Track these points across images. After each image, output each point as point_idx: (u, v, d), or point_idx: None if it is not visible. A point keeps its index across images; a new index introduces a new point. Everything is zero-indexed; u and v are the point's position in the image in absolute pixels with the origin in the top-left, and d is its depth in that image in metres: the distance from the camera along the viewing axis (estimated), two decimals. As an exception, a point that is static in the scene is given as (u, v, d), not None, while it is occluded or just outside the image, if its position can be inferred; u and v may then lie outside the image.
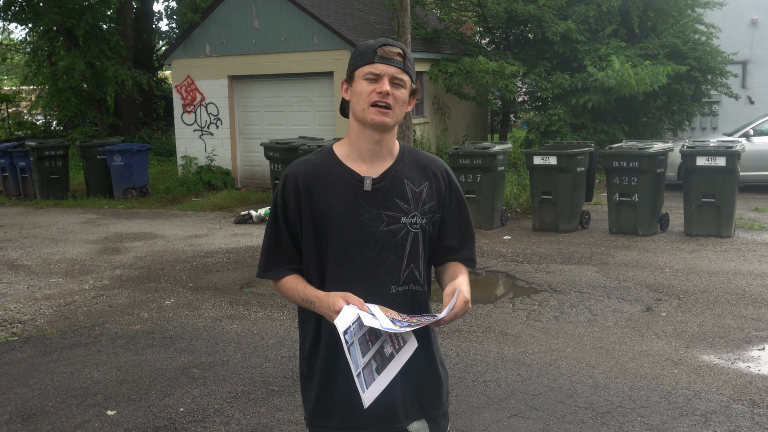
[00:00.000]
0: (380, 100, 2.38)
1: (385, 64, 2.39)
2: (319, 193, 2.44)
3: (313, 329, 2.51)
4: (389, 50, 2.40)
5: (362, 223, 2.42)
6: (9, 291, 8.43)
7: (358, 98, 2.42)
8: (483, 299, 7.64)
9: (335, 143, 2.55)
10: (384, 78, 2.39)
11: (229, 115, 17.16)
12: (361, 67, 2.42)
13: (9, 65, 36.86)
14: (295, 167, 2.51)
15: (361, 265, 2.42)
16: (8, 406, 5.21)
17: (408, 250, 2.46)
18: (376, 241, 2.43)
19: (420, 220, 2.47)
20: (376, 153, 2.47)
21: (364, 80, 2.41)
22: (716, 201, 10.05)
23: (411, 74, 2.45)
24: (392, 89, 2.40)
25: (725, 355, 5.85)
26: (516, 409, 4.94)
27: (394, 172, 2.48)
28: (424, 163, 2.55)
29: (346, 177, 2.45)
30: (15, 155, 16.38)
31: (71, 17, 20.40)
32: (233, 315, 7.27)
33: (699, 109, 17.61)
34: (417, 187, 2.49)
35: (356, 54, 2.46)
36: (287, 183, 2.48)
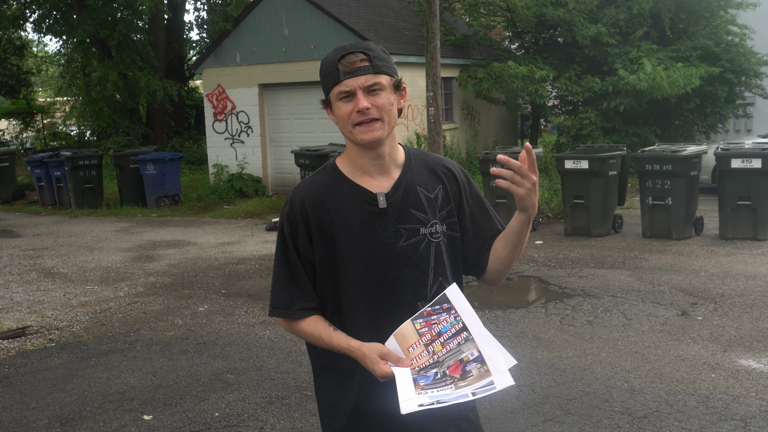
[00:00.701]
0: (362, 119, 2.18)
1: (352, 77, 2.18)
2: (331, 216, 2.26)
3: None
4: (350, 61, 2.19)
5: (381, 242, 2.24)
6: (46, 298, 8.56)
7: (342, 122, 2.23)
8: (516, 304, 7.60)
9: (337, 159, 2.36)
10: (357, 92, 2.18)
11: (259, 123, 17.28)
12: (331, 88, 2.23)
13: (44, 77, 37.52)
14: (300, 191, 2.32)
15: (383, 287, 2.24)
16: (47, 411, 5.28)
17: (433, 263, 2.28)
18: (396, 258, 2.24)
19: (440, 228, 2.30)
20: (380, 167, 2.29)
21: (339, 101, 2.21)
22: (752, 203, 9.91)
23: (386, 70, 2.22)
24: (371, 99, 2.18)
25: (764, 359, 5.75)
26: (551, 414, 4.90)
27: (405, 182, 2.29)
28: (433, 166, 2.38)
29: (357, 196, 2.27)
30: (50, 165, 16.64)
31: (104, 29, 20.71)
32: (266, 321, 7.30)
33: (733, 111, 17.40)
34: (431, 193, 2.32)
35: (322, 75, 2.26)
36: (293, 207, 2.29)
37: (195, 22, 32.73)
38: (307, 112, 16.86)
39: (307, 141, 15.99)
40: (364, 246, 2.24)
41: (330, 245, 2.26)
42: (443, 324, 2.15)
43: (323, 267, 2.28)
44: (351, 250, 2.24)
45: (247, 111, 17.37)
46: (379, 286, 2.24)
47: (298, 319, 2.31)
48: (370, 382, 2.22)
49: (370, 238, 2.24)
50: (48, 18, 22.90)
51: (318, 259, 2.28)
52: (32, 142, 32.44)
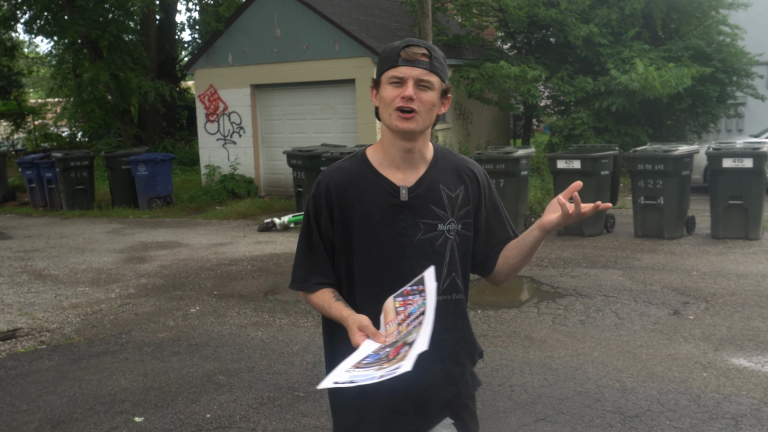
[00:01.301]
0: (404, 105, 2.28)
1: (409, 66, 2.28)
2: (353, 202, 2.37)
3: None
4: (413, 51, 2.29)
5: (398, 232, 2.35)
6: (37, 300, 8.52)
7: (383, 104, 2.34)
8: (508, 304, 7.60)
9: (368, 148, 2.47)
10: (408, 81, 2.28)
11: (251, 123, 17.25)
12: (386, 71, 2.32)
13: (35, 78, 37.42)
14: (328, 174, 2.43)
15: (397, 276, 2.33)
16: (38, 414, 5.26)
17: (448, 258, 2.39)
18: (413, 250, 2.36)
19: (456, 226, 2.40)
20: (408, 160, 2.39)
21: (389, 85, 2.31)
22: (743, 203, 9.94)
23: (440, 74, 2.33)
24: (418, 92, 2.29)
25: (755, 358, 5.77)
26: (543, 414, 4.90)
27: (428, 179, 2.40)
28: (458, 166, 2.47)
29: (381, 186, 2.37)
30: (41, 167, 16.58)
31: (95, 29, 20.65)
32: (258, 322, 7.29)
33: (724, 111, 17.44)
34: (453, 192, 2.42)
35: (382, 57, 2.36)
36: (319, 189, 2.41)
37: (187, 22, 32.65)
38: (299, 113, 16.84)
39: (300, 142, 15.98)
40: (381, 234, 2.36)
41: (349, 230, 2.38)
42: (414, 305, 2.22)
43: (341, 250, 2.41)
44: (369, 237, 2.36)
45: (239, 112, 17.34)
46: (393, 274, 2.34)
47: (311, 292, 2.45)
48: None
49: (388, 228, 2.36)
50: (39, 19, 22.82)
51: (337, 241, 2.41)
52: (23, 143, 32.35)
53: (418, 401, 2.41)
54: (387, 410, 2.41)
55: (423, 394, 2.40)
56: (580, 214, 2.25)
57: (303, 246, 2.47)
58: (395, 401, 2.39)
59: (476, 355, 2.56)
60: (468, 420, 2.52)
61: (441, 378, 2.43)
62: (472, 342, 2.53)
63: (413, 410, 2.41)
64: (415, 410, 2.41)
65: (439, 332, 2.34)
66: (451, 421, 2.48)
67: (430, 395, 2.41)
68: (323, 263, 2.43)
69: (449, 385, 2.46)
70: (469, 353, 2.53)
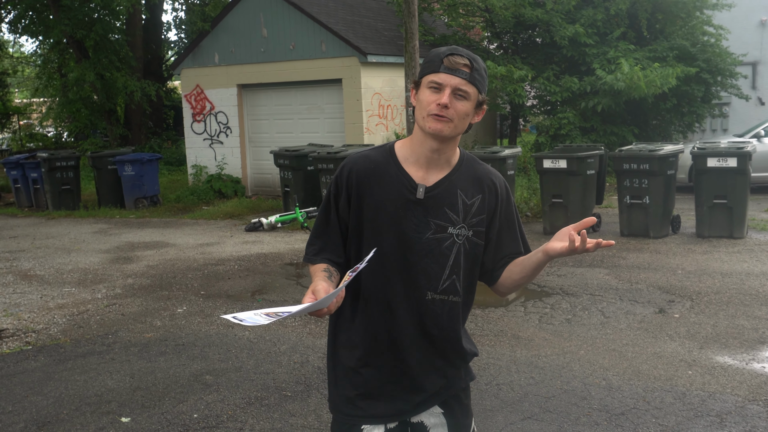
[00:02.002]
0: (439, 113, 2.35)
1: (450, 74, 2.35)
2: (372, 190, 2.45)
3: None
4: (456, 60, 2.36)
5: (409, 227, 2.43)
6: (23, 301, 8.48)
7: (420, 106, 2.40)
8: (495, 303, 7.63)
9: (398, 142, 2.54)
10: (446, 89, 2.35)
11: (238, 123, 17.23)
12: (427, 74, 2.39)
13: (20, 78, 37.16)
14: (353, 159, 2.52)
15: (401, 268, 2.44)
16: (23, 415, 5.24)
17: (452, 260, 2.46)
18: (420, 247, 2.43)
19: (466, 232, 2.47)
20: (433, 161, 2.46)
21: (427, 89, 2.38)
22: (728, 202, 10.01)
23: (479, 86, 2.40)
24: (454, 101, 2.35)
25: (739, 356, 5.81)
26: (529, 412, 4.93)
27: (448, 182, 2.47)
28: (480, 175, 2.53)
29: (401, 180, 2.45)
30: (27, 167, 16.48)
31: (81, 29, 20.54)
32: (245, 322, 7.27)
33: (709, 111, 17.55)
34: (469, 200, 2.48)
35: (426, 61, 2.44)
36: (342, 173, 2.50)
37: (173, 22, 32.59)
38: (286, 113, 16.82)
39: (287, 141, 15.96)
40: (392, 226, 2.44)
41: (363, 217, 2.46)
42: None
43: (353, 235, 2.49)
44: (380, 227, 2.44)
45: (225, 111, 17.31)
46: (397, 266, 2.44)
47: (314, 264, 2.51)
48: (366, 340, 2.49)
49: (400, 221, 2.43)
50: (24, 18, 22.68)
51: (351, 225, 2.49)
52: (8, 143, 32.11)
53: (406, 387, 2.51)
54: (376, 392, 2.51)
55: (410, 381, 2.51)
56: (584, 250, 2.30)
57: (319, 224, 2.56)
58: (384, 384, 2.51)
59: (467, 355, 2.61)
60: (457, 410, 2.60)
61: (428, 368, 2.52)
62: (460, 344, 2.56)
63: (400, 396, 2.52)
64: (402, 396, 2.52)
65: (431, 327, 2.50)
66: (440, 410, 2.57)
67: (417, 383, 2.51)
68: (336, 242, 2.52)
69: (438, 377, 2.54)
70: (457, 350, 2.57)
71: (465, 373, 2.63)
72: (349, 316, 2.53)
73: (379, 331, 2.48)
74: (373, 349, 2.49)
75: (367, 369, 2.51)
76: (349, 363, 2.52)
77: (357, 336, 2.51)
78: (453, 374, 2.57)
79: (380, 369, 2.50)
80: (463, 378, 2.61)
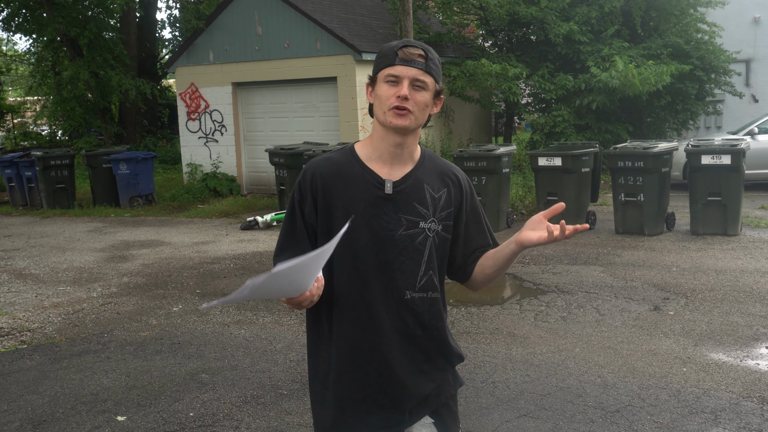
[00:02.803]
0: (399, 105, 2.33)
1: (406, 66, 2.33)
2: (338, 192, 2.41)
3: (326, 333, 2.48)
4: (410, 52, 2.35)
5: (381, 225, 2.38)
6: (18, 300, 8.46)
7: (379, 102, 2.38)
8: (490, 301, 7.65)
9: (357, 143, 2.51)
10: (404, 81, 2.33)
11: (233, 121, 17.20)
12: (382, 69, 2.37)
13: (13, 76, 37.05)
14: (315, 163, 2.46)
15: (376, 270, 2.38)
16: (19, 414, 5.23)
17: (426, 256, 2.42)
18: (393, 244, 2.39)
19: (436, 226, 2.44)
20: (397, 156, 2.43)
21: (385, 83, 2.36)
22: (722, 199, 10.04)
23: (435, 75, 2.38)
24: (413, 92, 2.34)
25: (734, 353, 5.84)
26: (525, 410, 4.94)
27: (414, 177, 2.44)
28: (443, 169, 2.52)
29: (366, 178, 2.41)
30: (21, 165, 16.43)
31: (75, 27, 20.47)
32: (241, 320, 7.28)
33: (703, 108, 17.59)
34: (436, 193, 2.45)
35: (379, 56, 2.41)
36: (305, 177, 2.45)
37: (167, 20, 32.47)
38: (281, 111, 16.81)
39: (282, 140, 15.96)
40: (363, 226, 2.38)
41: (332, 219, 2.40)
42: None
43: (323, 238, 2.40)
44: (352, 228, 2.35)
45: (220, 110, 17.29)
46: (372, 266, 2.38)
47: None
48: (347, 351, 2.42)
49: (371, 219, 2.38)
50: (17, 16, 22.58)
51: (320, 229, 2.43)
52: (2, 142, 32.02)
53: (394, 396, 2.44)
54: (364, 404, 2.45)
55: (398, 389, 2.44)
56: (563, 238, 2.29)
57: (286, 233, 2.49)
58: (371, 395, 2.44)
59: (452, 355, 2.56)
60: (448, 420, 2.54)
61: (415, 373, 2.46)
62: (446, 343, 2.53)
63: (389, 405, 2.45)
64: (392, 405, 2.45)
65: (413, 327, 2.44)
66: (431, 420, 2.50)
67: (405, 389, 2.44)
68: (305, 250, 2.42)
69: (425, 381, 2.48)
70: (443, 353, 2.53)
71: (453, 379, 2.58)
72: (326, 330, 2.47)
73: (360, 339, 2.41)
74: (355, 359, 2.42)
75: (352, 382, 2.44)
76: (332, 378, 2.46)
77: (337, 349, 2.44)
78: (441, 379, 2.52)
79: (365, 380, 2.43)
80: (452, 384, 2.56)
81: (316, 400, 2.55)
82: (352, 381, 2.44)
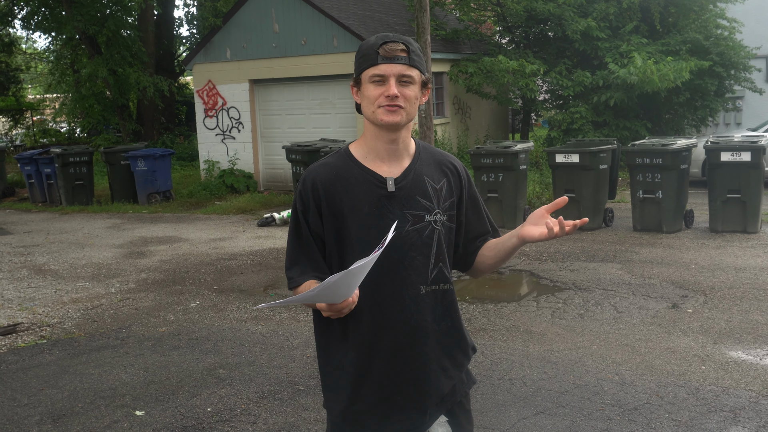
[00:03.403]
0: (390, 104, 2.32)
1: (389, 63, 2.31)
2: (341, 196, 2.38)
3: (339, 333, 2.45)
4: (391, 48, 2.31)
5: (387, 224, 2.34)
6: (37, 295, 8.53)
7: (367, 102, 2.36)
8: (507, 298, 7.63)
9: (351, 144, 2.48)
10: (390, 79, 2.31)
11: (250, 118, 17.25)
12: (366, 69, 2.34)
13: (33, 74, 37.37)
14: (313, 171, 2.44)
15: (388, 268, 2.35)
16: (38, 408, 5.28)
17: (435, 248, 2.41)
18: (402, 241, 2.36)
19: (441, 217, 2.44)
20: (393, 152, 2.42)
21: (370, 83, 2.34)
22: (741, 196, 9.96)
23: (419, 67, 2.36)
24: (400, 88, 2.32)
25: (753, 351, 5.79)
26: (542, 407, 4.93)
27: (413, 171, 2.43)
28: (440, 160, 2.51)
29: (367, 179, 2.39)
30: (40, 162, 16.57)
31: (93, 25, 20.60)
32: (258, 316, 7.31)
33: (722, 105, 17.44)
34: (437, 184, 2.45)
35: (359, 56, 2.38)
36: (305, 186, 2.42)
37: (185, 17, 32.64)
38: (298, 108, 16.84)
39: (299, 136, 15.99)
40: (371, 226, 2.36)
41: (338, 224, 2.39)
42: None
43: (332, 244, 2.41)
44: (358, 230, 2.37)
45: (237, 107, 17.34)
46: (383, 266, 2.33)
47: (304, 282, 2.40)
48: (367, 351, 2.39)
49: (377, 220, 2.36)
50: (36, 14, 22.78)
51: (327, 236, 2.41)
52: (22, 139, 32.30)
53: (414, 395, 2.42)
54: (382, 406, 2.43)
55: (418, 388, 2.42)
56: (563, 234, 2.29)
57: (294, 245, 2.46)
58: (390, 397, 2.41)
59: (469, 348, 2.57)
60: (462, 418, 2.55)
61: (435, 371, 2.45)
62: (463, 334, 2.54)
63: (410, 406, 2.43)
64: (413, 406, 2.43)
65: (430, 323, 2.43)
66: (445, 419, 2.50)
67: (425, 388, 2.43)
68: (316, 259, 2.43)
69: (445, 378, 2.47)
70: (460, 345, 2.53)
71: (467, 378, 2.57)
72: (339, 334, 2.43)
73: (376, 340, 2.39)
74: (372, 362, 2.40)
75: (369, 385, 2.41)
76: (349, 382, 2.42)
77: (353, 352, 2.41)
78: (458, 376, 2.51)
79: (385, 381, 2.40)
80: (466, 383, 2.56)
81: (330, 403, 2.52)
82: (370, 384, 2.42)
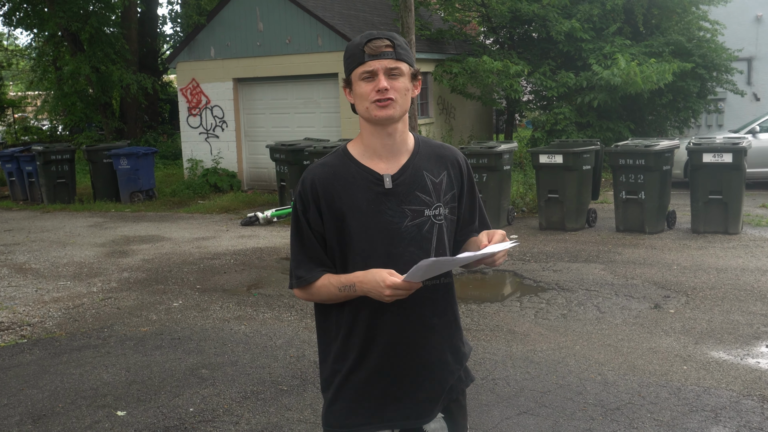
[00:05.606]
0: (381, 97, 2.35)
1: (376, 59, 2.35)
2: (340, 194, 2.41)
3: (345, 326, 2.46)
4: (376, 45, 2.36)
5: (386, 220, 2.39)
6: (18, 294, 8.46)
7: (360, 100, 2.40)
8: (491, 298, 7.64)
9: (349, 143, 2.51)
10: (379, 74, 2.35)
11: (234, 117, 17.19)
12: (355, 69, 2.39)
13: (14, 71, 37.03)
14: (312, 171, 2.47)
15: (387, 263, 2.37)
16: (18, 408, 5.23)
17: (434, 243, 2.44)
18: (401, 237, 2.40)
19: (443, 211, 2.46)
20: (390, 148, 2.44)
21: (361, 81, 2.38)
22: (723, 198, 10.03)
23: (406, 59, 2.40)
24: (390, 81, 2.36)
25: (734, 351, 5.83)
26: (525, 407, 4.94)
27: (412, 166, 2.45)
28: (439, 152, 2.53)
29: (365, 176, 2.42)
30: (22, 160, 16.43)
31: (76, 22, 20.46)
32: (241, 316, 7.28)
33: (705, 107, 17.56)
34: (437, 178, 2.47)
35: (347, 56, 2.42)
36: (304, 186, 2.45)
37: (168, 15, 32.51)
38: (282, 107, 16.80)
39: (283, 136, 15.95)
40: (369, 223, 2.39)
41: (338, 222, 2.41)
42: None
43: (333, 242, 2.44)
44: (357, 227, 2.40)
45: (221, 105, 17.27)
46: (383, 262, 2.37)
47: (314, 280, 2.44)
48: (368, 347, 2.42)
49: (376, 216, 2.39)
50: (18, 11, 22.57)
51: (328, 234, 2.44)
52: (3, 136, 31.99)
53: (415, 390, 2.46)
54: (381, 396, 2.46)
55: (422, 384, 2.46)
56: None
57: (298, 244, 2.48)
58: (392, 391, 2.45)
59: (467, 345, 2.62)
60: (457, 414, 2.59)
61: (439, 364, 2.49)
62: (460, 330, 2.59)
63: (406, 396, 2.47)
64: (409, 396, 2.47)
65: (431, 317, 2.47)
66: (441, 414, 2.54)
67: (429, 384, 2.47)
68: (321, 257, 2.46)
69: (448, 373, 2.52)
70: (461, 340, 2.58)
71: (465, 375, 2.62)
72: (341, 329, 2.47)
73: (377, 335, 2.42)
74: (374, 357, 2.43)
75: (370, 379, 2.45)
76: (349, 377, 2.46)
77: (355, 347, 2.44)
78: (458, 371, 2.55)
79: (388, 376, 2.44)
80: (464, 380, 2.61)
81: (330, 392, 2.53)
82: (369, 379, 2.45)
